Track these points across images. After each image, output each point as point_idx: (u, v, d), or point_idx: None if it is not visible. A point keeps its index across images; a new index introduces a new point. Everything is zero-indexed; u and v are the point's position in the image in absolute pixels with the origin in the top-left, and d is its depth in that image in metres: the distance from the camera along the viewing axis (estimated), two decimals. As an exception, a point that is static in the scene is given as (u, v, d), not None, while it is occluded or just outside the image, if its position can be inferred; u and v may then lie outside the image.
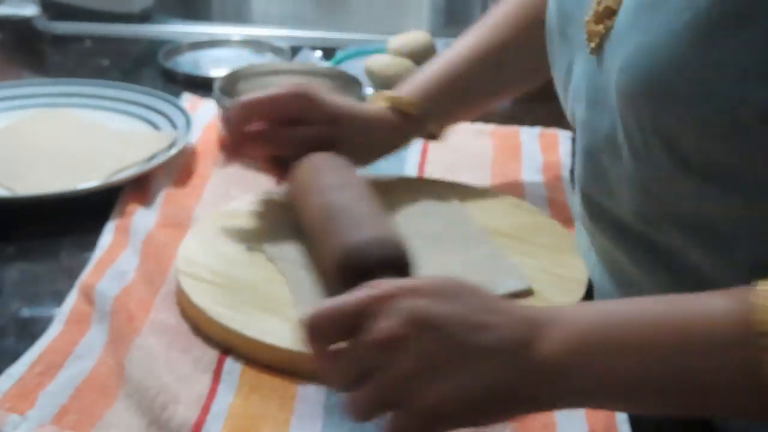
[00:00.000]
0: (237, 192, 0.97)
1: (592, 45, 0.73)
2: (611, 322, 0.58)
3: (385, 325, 0.56)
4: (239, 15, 1.85)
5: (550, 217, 0.92)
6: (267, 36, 1.42)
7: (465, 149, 1.09)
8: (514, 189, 1.00)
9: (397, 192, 0.94)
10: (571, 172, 1.00)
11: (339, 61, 1.30)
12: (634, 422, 0.68)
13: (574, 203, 0.85)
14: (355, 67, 1.25)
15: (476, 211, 0.91)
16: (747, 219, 0.66)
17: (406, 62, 1.22)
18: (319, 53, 1.32)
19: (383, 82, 1.21)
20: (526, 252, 0.84)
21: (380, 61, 1.23)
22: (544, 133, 1.12)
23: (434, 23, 1.82)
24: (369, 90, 1.20)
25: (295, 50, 1.36)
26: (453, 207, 0.92)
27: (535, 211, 0.93)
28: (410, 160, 1.06)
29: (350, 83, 1.14)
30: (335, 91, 1.14)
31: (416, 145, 1.09)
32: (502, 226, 0.89)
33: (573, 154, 1.07)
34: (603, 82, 0.72)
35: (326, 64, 1.21)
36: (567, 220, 0.93)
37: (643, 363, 0.56)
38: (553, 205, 0.97)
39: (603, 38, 0.72)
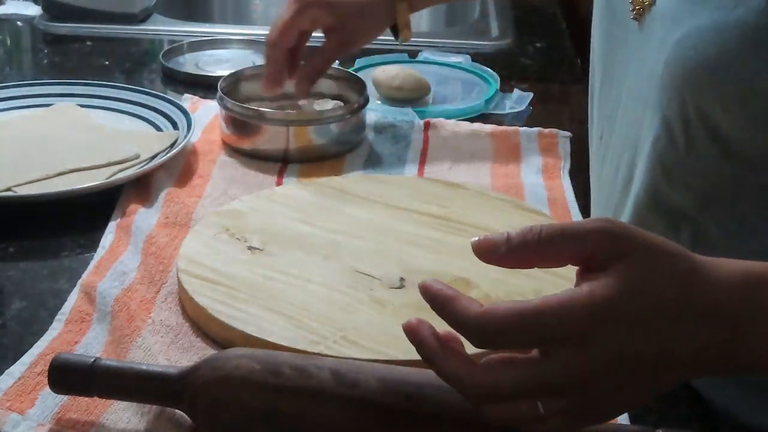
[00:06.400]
0: (237, 192, 0.97)
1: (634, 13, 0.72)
2: None
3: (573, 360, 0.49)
4: (239, 15, 1.84)
5: (550, 217, 0.92)
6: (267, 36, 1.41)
7: (465, 149, 1.09)
8: (514, 189, 1.00)
9: (398, 192, 0.94)
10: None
11: (357, 70, 1.29)
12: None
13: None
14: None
15: (476, 211, 0.91)
16: None
17: (414, 73, 1.22)
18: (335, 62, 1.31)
19: (390, 92, 1.20)
20: (526, 252, 0.84)
21: (387, 72, 1.22)
22: (543, 133, 1.12)
23: (434, 23, 1.82)
24: (377, 101, 1.19)
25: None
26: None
27: (535, 211, 0.93)
28: (410, 160, 1.06)
29: (354, 83, 1.14)
30: (337, 91, 1.15)
31: (416, 146, 1.09)
32: (502, 226, 0.89)
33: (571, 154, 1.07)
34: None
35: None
36: (567, 220, 0.93)
37: None
38: (553, 205, 0.97)
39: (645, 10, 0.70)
